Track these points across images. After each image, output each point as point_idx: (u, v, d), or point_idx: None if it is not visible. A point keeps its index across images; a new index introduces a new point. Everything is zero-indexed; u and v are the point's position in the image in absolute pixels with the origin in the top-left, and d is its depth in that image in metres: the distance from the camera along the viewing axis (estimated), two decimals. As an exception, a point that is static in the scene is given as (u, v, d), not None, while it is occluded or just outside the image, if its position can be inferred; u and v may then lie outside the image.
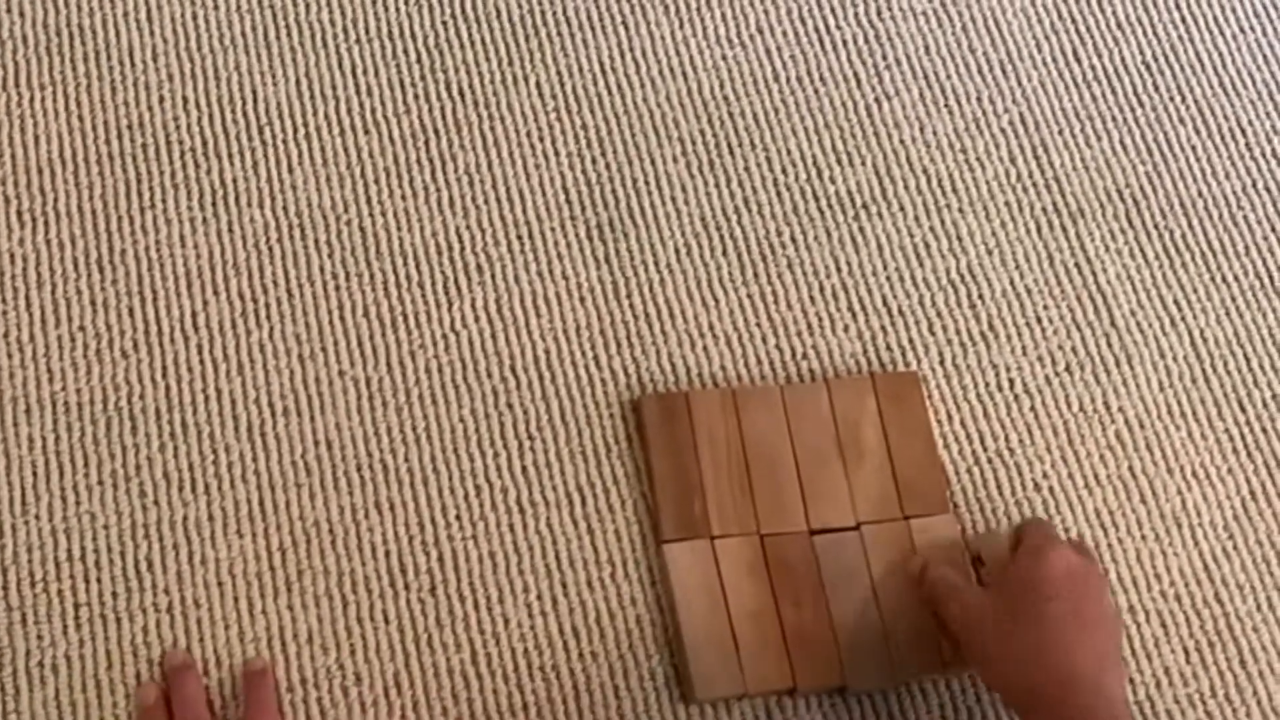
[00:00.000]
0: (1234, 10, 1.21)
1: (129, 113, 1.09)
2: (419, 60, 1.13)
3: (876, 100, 1.15)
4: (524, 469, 1.02)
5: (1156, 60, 1.18)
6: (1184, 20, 1.20)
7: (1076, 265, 1.11)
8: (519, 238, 1.08)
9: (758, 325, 1.07)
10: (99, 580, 0.96)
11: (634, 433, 1.03)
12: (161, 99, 1.10)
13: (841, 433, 1.02)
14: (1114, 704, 0.88)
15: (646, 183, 1.11)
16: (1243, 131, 1.16)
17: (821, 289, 1.09)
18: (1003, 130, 1.15)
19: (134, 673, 0.95)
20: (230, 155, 1.08)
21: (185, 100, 1.10)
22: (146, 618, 0.96)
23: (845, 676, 0.96)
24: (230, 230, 1.06)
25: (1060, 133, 1.15)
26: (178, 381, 1.02)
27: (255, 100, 1.10)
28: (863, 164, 1.13)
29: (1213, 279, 1.12)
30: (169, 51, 1.11)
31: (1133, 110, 1.16)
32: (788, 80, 1.15)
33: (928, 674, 0.98)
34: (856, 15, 1.18)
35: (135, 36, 1.11)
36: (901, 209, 1.12)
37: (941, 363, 1.07)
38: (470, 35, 1.14)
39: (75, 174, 1.07)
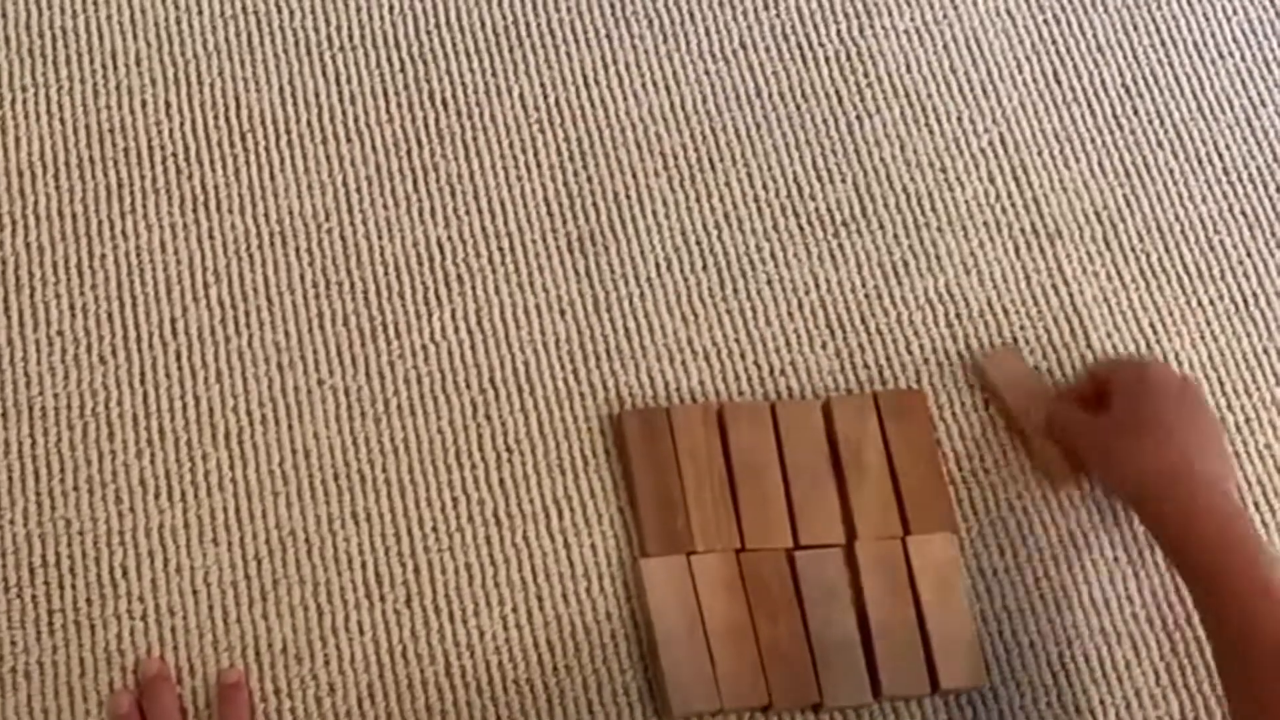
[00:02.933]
0: (1213, 35, 1.21)
1: (111, 117, 1.09)
2: (403, 69, 1.13)
3: (857, 118, 1.16)
4: (501, 481, 1.02)
5: (1136, 83, 1.19)
6: (1164, 44, 1.21)
7: (1054, 286, 1.12)
8: (500, 249, 1.08)
9: (736, 341, 1.07)
10: (73, 586, 0.96)
11: (612, 447, 1.03)
12: (144, 103, 1.10)
13: (842, 450, 1.03)
14: (1234, 503, 0.97)
15: (628, 196, 1.11)
16: (1220, 156, 1.17)
17: (800, 305, 1.09)
18: (982, 150, 1.15)
19: (107, 680, 0.95)
20: (212, 161, 1.08)
21: (168, 105, 1.10)
22: (120, 625, 0.96)
23: (822, 693, 0.97)
24: (211, 237, 1.06)
25: (1039, 154, 1.16)
26: (155, 388, 1.01)
27: (238, 106, 1.10)
28: (843, 181, 1.13)
29: (1188, 302, 1.12)
30: (152, 56, 1.11)
31: (1112, 133, 1.17)
32: (769, 96, 1.16)
33: (910, 693, 0.98)
34: (839, 32, 1.18)
35: (118, 40, 1.11)
36: (881, 227, 1.12)
37: (918, 381, 1.07)
38: (454, 45, 1.14)
39: (56, 177, 1.06)
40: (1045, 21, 1.20)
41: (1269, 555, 0.92)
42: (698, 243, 1.10)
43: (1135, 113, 1.18)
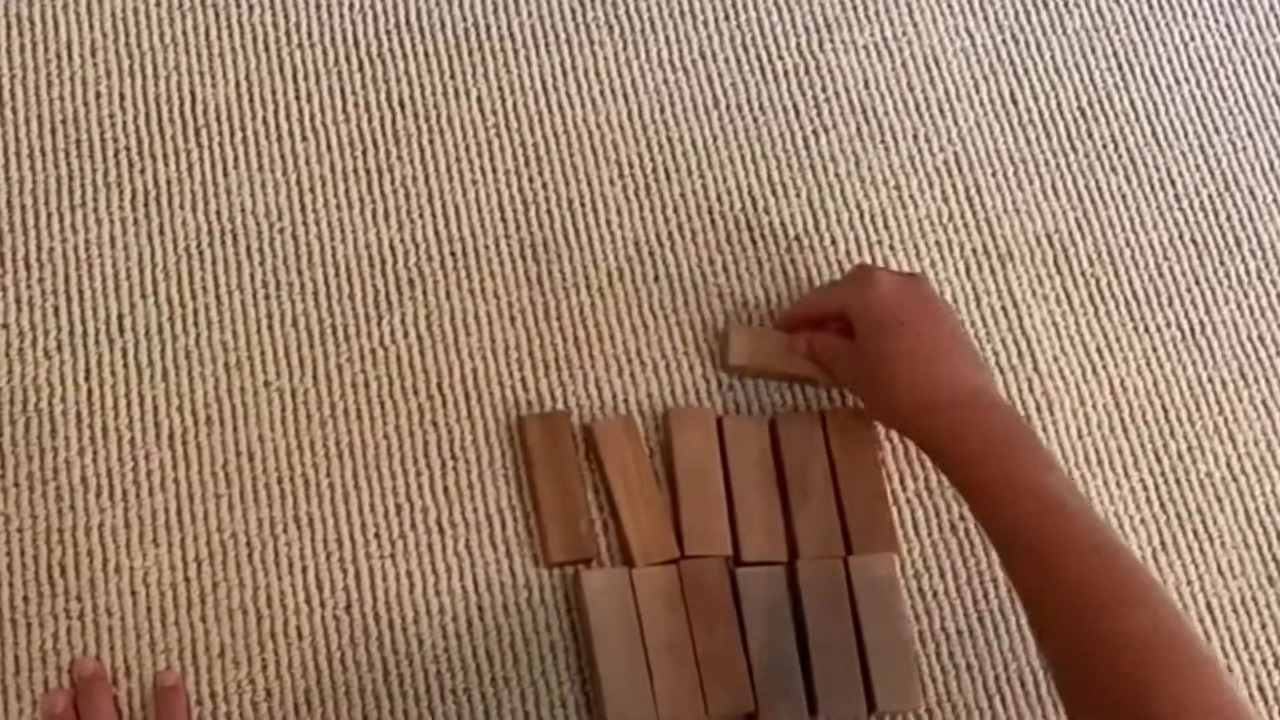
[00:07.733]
0: (1170, 61, 1.22)
1: (63, 107, 1.08)
2: (360, 69, 1.13)
3: (814, 132, 1.16)
4: (445, 489, 1.02)
5: (1091, 107, 1.20)
6: (1120, 68, 1.21)
7: (1003, 308, 1.12)
8: (452, 254, 1.08)
9: (685, 354, 1.07)
10: (10, 584, 0.96)
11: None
12: (98, 95, 1.09)
13: (787, 468, 1.03)
14: (1000, 406, 0.99)
15: (582, 204, 1.11)
16: (1172, 183, 1.18)
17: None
18: (936, 169, 1.16)
19: (42, 679, 0.94)
20: (165, 156, 1.08)
21: (122, 97, 1.09)
22: (58, 624, 0.95)
23: (759, 712, 0.97)
24: (161, 233, 1.05)
25: (993, 174, 1.16)
26: (100, 385, 1.01)
27: (193, 101, 1.10)
28: (797, 195, 1.13)
29: (1135, 328, 1.13)
30: (107, 47, 1.10)
31: (1065, 156, 1.18)
32: (727, 108, 1.16)
33: (847, 714, 0.98)
34: (798, 45, 1.18)
35: (74, 30, 1.10)
36: (833, 243, 1.12)
37: (866, 400, 1.08)
38: (413, 46, 1.14)
39: (5, 168, 1.06)
40: (1004, 42, 1.21)
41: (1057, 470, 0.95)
42: (650, 253, 1.10)
43: (1090, 136, 1.19)
